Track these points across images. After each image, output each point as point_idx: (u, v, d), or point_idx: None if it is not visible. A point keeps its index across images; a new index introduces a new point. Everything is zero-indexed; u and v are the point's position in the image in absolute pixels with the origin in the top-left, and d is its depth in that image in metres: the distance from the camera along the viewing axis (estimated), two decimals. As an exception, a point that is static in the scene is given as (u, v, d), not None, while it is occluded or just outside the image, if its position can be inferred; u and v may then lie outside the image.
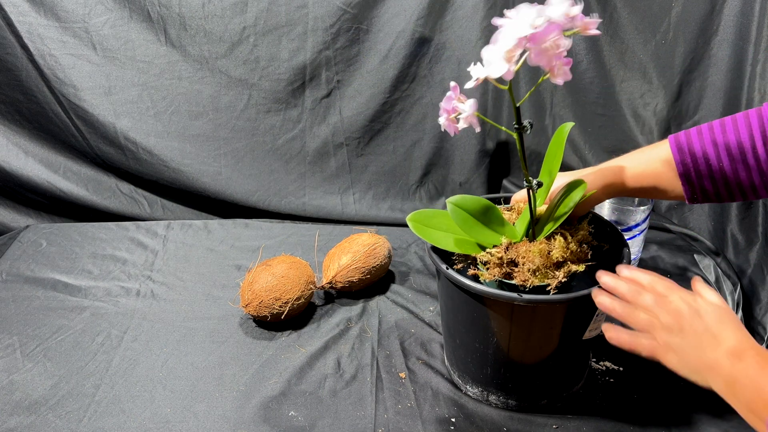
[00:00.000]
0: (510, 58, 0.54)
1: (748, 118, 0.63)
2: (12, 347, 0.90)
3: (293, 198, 1.29)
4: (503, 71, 0.54)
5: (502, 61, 0.54)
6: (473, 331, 0.75)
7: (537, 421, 0.77)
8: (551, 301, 0.68)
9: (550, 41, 0.54)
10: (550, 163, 0.71)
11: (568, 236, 0.72)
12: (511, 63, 0.54)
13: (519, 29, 0.53)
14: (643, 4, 1.13)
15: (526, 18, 0.53)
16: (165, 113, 1.24)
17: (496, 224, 0.72)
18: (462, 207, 0.70)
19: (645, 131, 1.22)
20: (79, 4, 1.17)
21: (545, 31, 0.53)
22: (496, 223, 0.72)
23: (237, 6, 1.18)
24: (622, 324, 0.63)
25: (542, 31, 0.53)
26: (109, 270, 1.10)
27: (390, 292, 1.04)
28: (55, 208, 1.30)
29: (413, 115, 1.26)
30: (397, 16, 1.18)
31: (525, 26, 0.53)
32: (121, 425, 0.77)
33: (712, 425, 0.76)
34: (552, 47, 0.54)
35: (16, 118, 1.23)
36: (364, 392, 0.82)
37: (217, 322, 0.96)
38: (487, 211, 0.71)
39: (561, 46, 0.54)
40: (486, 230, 0.71)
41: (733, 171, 0.63)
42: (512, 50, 0.53)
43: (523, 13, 0.53)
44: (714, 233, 1.17)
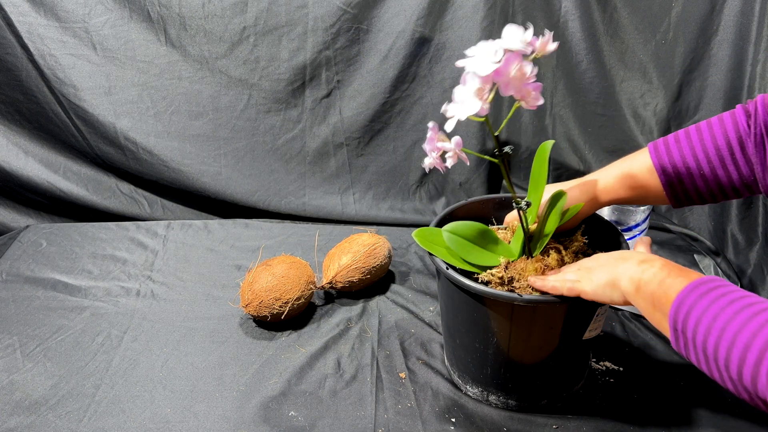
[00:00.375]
0: (481, 96, 0.56)
1: (722, 121, 0.64)
2: (12, 347, 0.90)
3: (293, 198, 1.29)
4: (477, 109, 0.55)
5: (474, 100, 0.55)
6: (473, 331, 0.75)
7: (537, 421, 0.77)
8: (551, 301, 0.68)
9: (515, 71, 0.55)
10: (535, 181, 0.73)
11: (562, 250, 0.75)
12: (483, 100, 0.55)
13: (482, 68, 0.54)
14: (643, 4, 1.13)
15: (485, 55, 0.55)
16: (165, 113, 1.24)
17: (492, 245, 0.74)
18: (457, 233, 0.72)
19: (645, 131, 1.22)
20: (79, 4, 1.17)
21: (506, 63, 0.55)
22: (492, 244, 0.74)
23: (237, 6, 1.18)
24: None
25: (504, 65, 0.54)
26: (109, 270, 1.10)
27: (390, 292, 1.04)
28: (55, 208, 1.30)
29: (413, 115, 1.26)
30: (397, 16, 1.18)
31: (487, 64, 0.54)
32: (121, 425, 0.77)
33: (712, 425, 0.76)
34: (518, 76, 0.56)
35: (16, 118, 1.23)
36: (364, 392, 0.82)
37: (217, 322, 0.96)
38: (483, 234, 0.73)
39: (527, 73, 0.56)
40: (484, 252, 0.73)
41: (713, 175, 0.65)
42: (481, 88, 0.55)
43: (482, 51, 0.55)
44: (714, 233, 1.17)
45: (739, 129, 0.62)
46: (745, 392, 0.47)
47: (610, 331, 0.93)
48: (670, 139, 0.68)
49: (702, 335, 0.50)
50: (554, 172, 1.28)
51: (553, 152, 1.26)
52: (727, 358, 0.48)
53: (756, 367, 0.45)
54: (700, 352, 0.51)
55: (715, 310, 0.49)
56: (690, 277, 0.54)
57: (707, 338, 0.49)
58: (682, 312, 0.52)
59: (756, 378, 0.45)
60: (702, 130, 0.65)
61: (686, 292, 0.53)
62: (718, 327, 0.48)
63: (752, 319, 0.47)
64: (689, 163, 0.65)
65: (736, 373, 0.47)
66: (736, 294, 0.50)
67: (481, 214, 0.88)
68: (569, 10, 1.15)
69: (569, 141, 1.25)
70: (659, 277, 0.56)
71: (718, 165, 0.64)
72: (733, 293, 0.50)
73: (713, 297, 0.50)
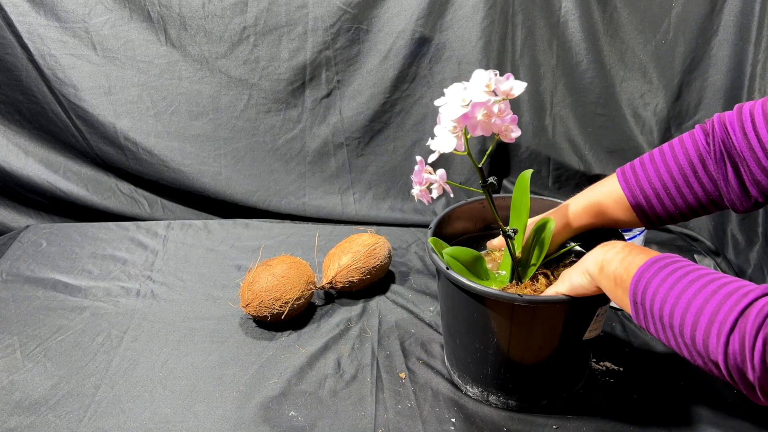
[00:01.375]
0: (456, 134, 0.62)
1: (683, 142, 0.67)
2: (12, 347, 0.90)
3: (293, 198, 1.29)
4: (453, 146, 0.62)
5: (450, 137, 0.62)
6: (473, 332, 0.75)
7: (537, 421, 0.77)
8: (551, 301, 0.68)
9: (480, 115, 0.61)
10: (517, 209, 0.76)
11: (550, 275, 0.78)
12: (459, 138, 0.62)
13: (452, 112, 0.61)
14: (643, 4, 1.13)
15: (456, 98, 0.61)
16: (165, 113, 1.24)
17: (483, 273, 0.77)
18: (457, 258, 0.74)
19: (645, 131, 1.22)
20: (79, 4, 1.17)
21: (472, 109, 0.60)
22: (483, 271, 0.77)
23: (237, 6, 1.18)
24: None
25: (470, 111, 0.60)
26: (109, 270, 1.10)
27: (390, 292, 1.04)
28: (55, 208, 1.30)
29: (413, 115, 1.26)
30: (397, 16, 1.18)
31: (456, 108, 0.61)
32: (121, 425, 0.77)
33: (712, 425, 0.76)
34: (485, 119, 0.61)
35: (16, 118, 1.23)
36: (364, 392, 0.82)
37: (217, 322, 0.96)
38: (476, 261, 0.76)
39: (494, 114, 0.61)
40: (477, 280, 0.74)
41: (679, 193, 0.67)
42: (454, 128, 0.62)
43: (453, 94, 0.62)
44: (714, 233, 1.17)
45: (699, 148, 0.65)
46: (699, 357, 0.50)
47: (610, 331, 0.93)
48: (636, 163, 0.71)
49: (659, 304, 0.53)
50: (554, 172, 1.28)
51: (553, 152, 1.26)
52: (681, 324, 0.51)
53: (707, 330, 0.48)
54: (658, 321, 0.54)
55: (672, 281, 0.53)
56: (649, 254, 0.58)
57: (663, 306, 0.52)
58: (641, 285, 0.55)
59: (707, 341, 0.48)
60: (665, 152, 0.68)
61: (645, 267, 0.56)
62: (674, 295, 0.52)
63: (705, 287, 0.50)
64: (655, 184, 0.68)
65: (690, 338, 0.50)
66: (692, 267, 0.54)
67: (480, 214, 0.88)
68: (569, 10, 1.15)
69: (569, 141, 1.25)
70: (620, 256, 0.60)
71: (683, 184, 0.67)
72: (689, 266, 0.54)
73: (670, 270, 0.54)
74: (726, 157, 0.63)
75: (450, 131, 0.62)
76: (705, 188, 0.66)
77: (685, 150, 0.66)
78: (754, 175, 0.61)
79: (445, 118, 0.62)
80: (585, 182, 1.28)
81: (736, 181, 0.63)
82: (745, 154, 0.61)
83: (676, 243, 1.17)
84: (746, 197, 0.64)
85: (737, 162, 0.62)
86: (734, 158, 0.62)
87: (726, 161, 0.63)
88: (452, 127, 0.62)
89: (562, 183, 1.29)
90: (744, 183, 0.63)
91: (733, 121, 0.62)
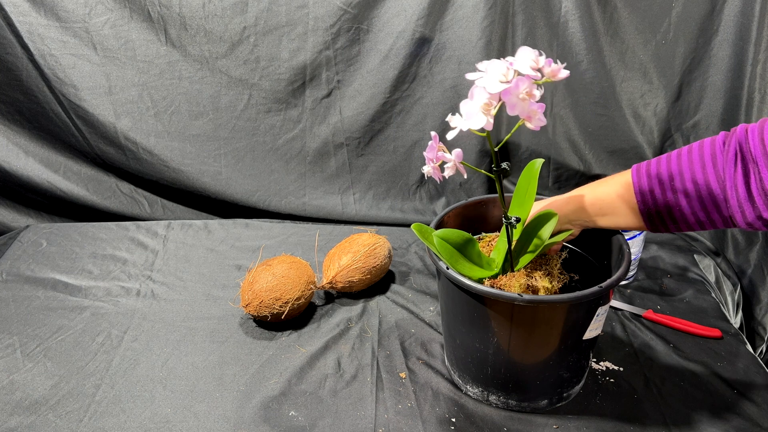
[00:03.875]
0: (488, 111, 0.58)
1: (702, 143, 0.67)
2: (12, 347, 0.90)
3: (293, 198, 1.29)
4: (483, 123, 0.57)
5: (480, 115, 0.57)
6: (473, 331, 0.75)
7: (537, 421, 0.77)
8: (551, 301, 0.68)
9: (523, 92, 0.57)
10: (521, 196, 0.75)
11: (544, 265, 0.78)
12: (489, 115, 0.57)
13: (492, 85, 0.56)
14: (643, 4, 1.13)
15: (496, 73, 0.57)
16: (165, 113, 1.24)
17: (475, 256, 0.75)
18: (448, 240, 0.72)
19: (645, 131, 1.22)
20: (79, 4, 1.17)
21: (516, 85, 0.56)
22: (475, 255, 0.75)
23: (237, 6, 1.18)
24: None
25: (513, 86, 0.56)
26: (109, 270, 1.10)
27: (390, 292, 1.04)
28: (55, 208, 1.30)
29: (413, 115, 1.26)
30: (398, 16, 1.18)
31: (496, 82, 0.56)
32: (121, 425, 0.77)
33: (712, 425, 0.76)
34: (525, 98, 0.57)
35: (16, 118, 1.23)
36: (365, 392, 0.82)
37: (217, 322, 0.96)
38: (467, 243, 0.74)
39: (534, 96, 0.58)
40: (468, 263, 0.73)
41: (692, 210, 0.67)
42: (488, 104, 0.57)
43: (494, 68, 0.57)
44: (714, 233, 1.17)
45: (715, 148, 0.65)
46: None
47: (610, 331, 0.93)
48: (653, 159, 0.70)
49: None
50: (554, 172, 1.28)
51: (553, 152, 1.26)
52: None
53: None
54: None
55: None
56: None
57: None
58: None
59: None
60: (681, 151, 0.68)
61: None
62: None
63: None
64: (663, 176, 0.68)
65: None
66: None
67: (480, 214, 0.88)
68: (569, 10, 1.15)
69: (569, 141, 1.25)
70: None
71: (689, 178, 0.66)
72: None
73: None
74: (739, 158, 0.62)
75: (482, 107, 0.57)
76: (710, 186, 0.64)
77: (701, 148, 0.66)
78: (762, 182, 0.60)
79: (480, 92, 0.57)
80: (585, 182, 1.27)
81: (744, 185, 0.62)
82: (758, 159, 0.60)
83: (676, 243, 1.17)
84: (750, 205, 0.62)
85: (749, 166, 0.61)
86: (747, 162, 0.61)
87: (738, 162, 0.62)
88: (486, 102, 0.57)
89: (562, 183, 1.29)
90: (750, 189, 0.61)
91: (754, 128, 0.62)
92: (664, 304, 1.00)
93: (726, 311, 1.00)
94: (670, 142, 1.22)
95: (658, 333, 0.93)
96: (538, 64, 0.57)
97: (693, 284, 1.05)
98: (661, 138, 1.22)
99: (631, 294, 1.03)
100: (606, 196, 0.73)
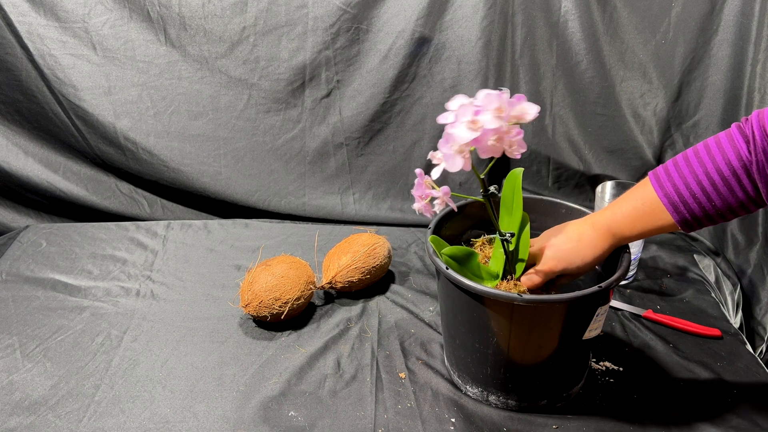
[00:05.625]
0: (463, 154, 0.61)
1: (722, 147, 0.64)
2: (12, 347, 0.90)
3: (293, 198, 1.29)
4: (460, 166, 0.61)
5: (457, 157, 0.61)
6: (473, 332, 0.75)
7: (537, 421, 0.77)
8: (551, 301, 0.68)
9: (492, 140, 0.60)
10: (509, 207, 0.75)
11: None
12: (465, 158, 0.61)
13: (462, 136, 0.59)
14: (643, 4, 1.13)
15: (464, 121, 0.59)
16: (165, 113, 1.24)
17: (475, 268, 0.76)
18: (454, 257, 0.74)
19: (645, 131, 1.22)
20: (79, 4, 1.17)
21: (483, 135, 0.59)
22: (475, 267, 0.76)
23: (237, 6, 1.18)
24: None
25: (482, 135, 0.59)
26: (109, 270, 1.10)
27: (390, 292, 1.04)
28: (55, 208, 1.30)
29: (413, 115, 1.26)
30: (397, 16, 1.18)
31: (465, 131, 0.59)
32: (121, 425, 0.77)
33: (712, 425, 0.76)
34: (496, 143, 0.60)
35: (16, 118, 1.23)
36: (364, 392, 0.82)
37: (217, 322, 0.96)
38: (468, 257, 0.75)
39: (504, 139, 0.60)
40: (471, 276, 0.75)
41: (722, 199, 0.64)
42: (461, 148, 0.60)
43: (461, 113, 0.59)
44: (714, 233, 1.17)
45: (741, 155, 0.62)
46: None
47: (610, 331, 0.93)
48: (670, 166, 0.67)
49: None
50: (554, 172, 1.28)
51: (552, 152, 1.26)
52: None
53: None
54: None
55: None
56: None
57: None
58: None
59: None
60: (701, 155, 0.65)
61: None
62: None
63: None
64: (693, 187, 0.65)
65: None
66: None
67: (479, 214, 0.88)
68: (569, 10, 1.15)
69: (569, 141, 1.25)
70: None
71: (725, 191, 0.64)
72: None
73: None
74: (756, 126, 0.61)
75: (457, 152, 0.60)
76: (747, 192, 0.63)
77: (725, 156, 0.63)
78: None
79: (453, 141, 0.60)
80: (585, 182, 1.28)
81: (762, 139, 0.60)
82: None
83: (676, 243, 1.17)
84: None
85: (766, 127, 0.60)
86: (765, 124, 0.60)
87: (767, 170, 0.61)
88: (459, 148, 0.60)
89: (561, 183, 1.29)
90: None
91: None
92: (664, 304, 1.00)
93: (726, 311, 1.00)
94: (669, 142, 1.22)
95: (658, 333, 0.93)
96: (502, 111, 0.59)
97: (693, 284, 1.05)
98: (661, 138, 1.22)
99: (631, 294, 1.03)
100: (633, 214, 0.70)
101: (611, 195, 1.03)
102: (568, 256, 0.72)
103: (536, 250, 0.75)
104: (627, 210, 0.70)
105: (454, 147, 0.60)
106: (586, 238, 0.71)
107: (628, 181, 1.12)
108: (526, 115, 0.60)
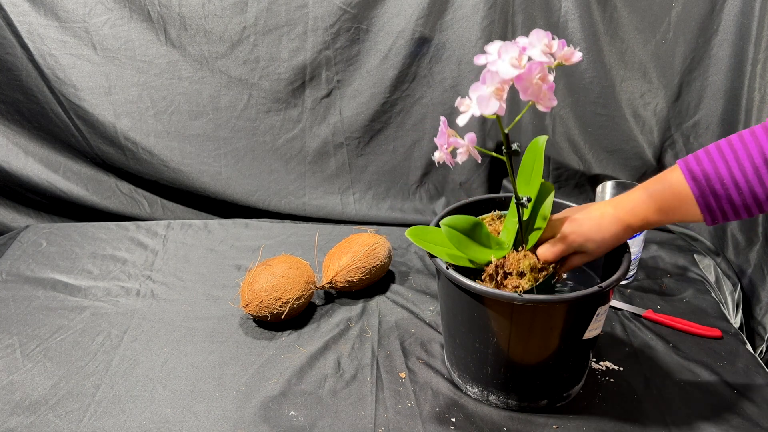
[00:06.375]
0: (500, 96, 0.57)
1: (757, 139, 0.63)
2: (12, 347, 0.90)
3: (293, 198, 1.29)
4: (495, 109, 0.56)
5: (492, 100, 0.57)
6: (473, 331, 0.75)
7: (537, 421, 0.77)
8: (551, 301, 0.68)
9: (536, 78, 0.56)
10: (527, 175, 0.73)
11: None
12: (502, 100, 0.57)
13: (504, 71, 0.55)
14: (643, 4, 1.13)
15: (508, 58, 0.56)
16: (165, 113, 1.24)
17: (484, 239, 0.74)
18: (455, 227, 0.71)
19: (645, 131, 1.22)
20: (79, 4, 1.17)
21: (528, 70, 0.55)
22: (484, 237, 0.74)
23: (237, 6, 1.18)
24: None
25: (527, 71, 0.55)
26: (109, 270, 1.10)
27: (390, 292, 1.04)
28: (55, 208, 1.30)
29: (413, 115, 1.26)
30: (397, 16, 1.18)
31: (509, 68, 0.55)
32: (121, 425, 0.77)
33: (712, 425, 0.76)
34: (538, 83, 0.56)
35: (16, 118, 1.23)
36: (364, 392, 0.82)
37: (217, 322, 0.96)
38: (475, 227, 0.73)
39: (548, 80, 0.56)
40: (477, 246, 0.73)
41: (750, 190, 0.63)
42: (500, 89, 0.56)
43: (506, 52, 0.56)
44: (714, 233, 1.17)
45: None
46: None
47: (610, 331, 0.93)
48: (700, 152, 0.66)
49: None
50: (554, 172, 1.28)
51: (553, 152, 1.26)
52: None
53: None
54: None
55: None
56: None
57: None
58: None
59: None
60: (734, 144, 0.64)
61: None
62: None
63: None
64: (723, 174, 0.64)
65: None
66: None
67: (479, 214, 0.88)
68: (569, 10, 1.15)
69: (569, 141, 1.25)
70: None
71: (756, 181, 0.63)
72: None
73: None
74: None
75: (494, 92, 0.56)
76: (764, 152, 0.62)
77: (759, 145, 0.62)
78: None
79: (492, 77, 0.56)
80: (585, 182, 1.27)
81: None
82: None
83: (676, 243, 1.17)
84: None
85: None
86: None
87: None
88: (498, 87, 0.56)
89: (562, 183, 1.29)
90: None
91: None
92: (664, 304, 1.00)
93: (726, 311, 1.00)
94: (669, 142, 1.22)
95: (658, 333, 0.93)
96: (551, 48, 0.56)
97: (693, 284, 1.05)
98: (661, 138, 1.22)
99: (631, 294, 1.03)
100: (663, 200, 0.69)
101: (611, 195, 1.03)
102: (589, 230, 0.71)
103: (556, 222, 0.74)
104: (652, 194, 0.69)
105: (494, 85, 0.56)
106: (608, 218, 0.70)
107: (628, 181, 1.12)
108: (573, 57, 0.58)
